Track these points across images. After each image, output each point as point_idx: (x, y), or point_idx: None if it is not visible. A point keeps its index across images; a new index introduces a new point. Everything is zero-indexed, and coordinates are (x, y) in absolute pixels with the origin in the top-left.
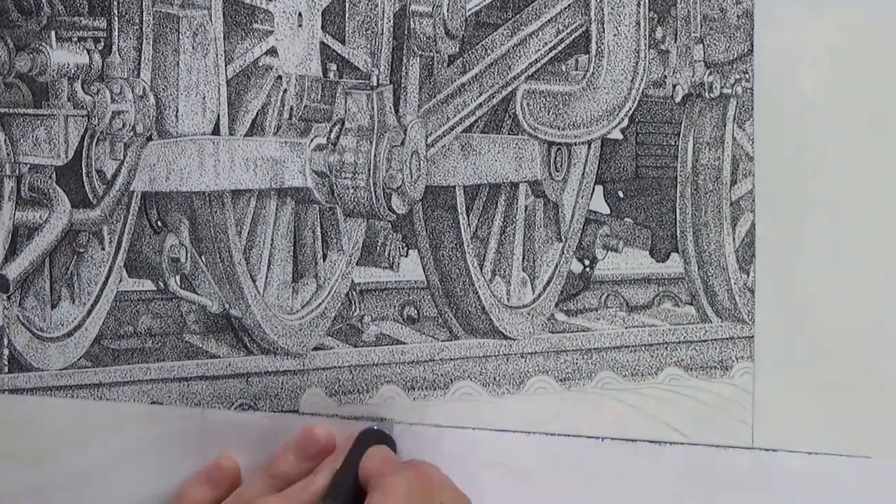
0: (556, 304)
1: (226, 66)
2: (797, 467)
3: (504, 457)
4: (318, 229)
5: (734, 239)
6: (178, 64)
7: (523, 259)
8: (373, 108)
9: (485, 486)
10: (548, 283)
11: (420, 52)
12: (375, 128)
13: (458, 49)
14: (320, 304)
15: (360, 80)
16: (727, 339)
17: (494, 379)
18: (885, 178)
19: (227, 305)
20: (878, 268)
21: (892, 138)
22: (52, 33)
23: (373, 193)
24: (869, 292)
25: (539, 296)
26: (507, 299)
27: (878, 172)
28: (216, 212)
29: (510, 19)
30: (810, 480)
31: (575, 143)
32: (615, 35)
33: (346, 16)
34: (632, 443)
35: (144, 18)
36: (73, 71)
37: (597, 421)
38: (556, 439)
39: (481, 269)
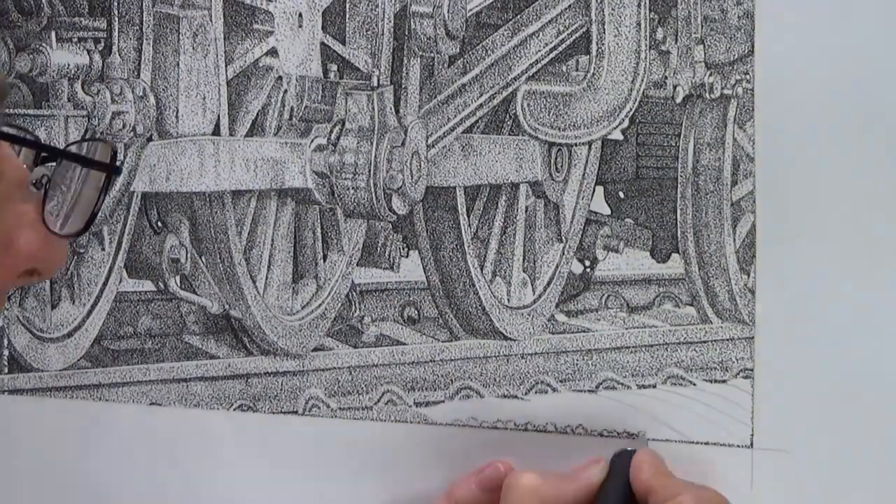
0: (557, 305)
1: (226, 66)
2: (797, 467)
3: (505, 456)
4: (319, 230)
5: (735, 240)
6: (178, 64)
7: (524, 260)
8: (373, 108)
9: None
10: (548, 283)
11: (421, 53)
12: (376, 128)
13: (458, 50)
14: (320, 304)
15: (361, 81)
16: (727, 339)
17: (495, 380)
18: (886, 179)
19: (227, 306)
20: (879, 268)
21: (892, 138)
22: (53, 34)
23: (373, 194)
24: (869, 292)
25: (539, 296)
26: (508, 300)
27: (878, 173)
28: (216, 212)
29: (511, 20)
30: (810, 480)
31: (575, 144)
32: (616, 36)
33: (347, 16)
34: (632, 441)
35: (144, 19)
36: (73, 71)
37: (597, 421)
38: (556, 438)
39: (482, 270)
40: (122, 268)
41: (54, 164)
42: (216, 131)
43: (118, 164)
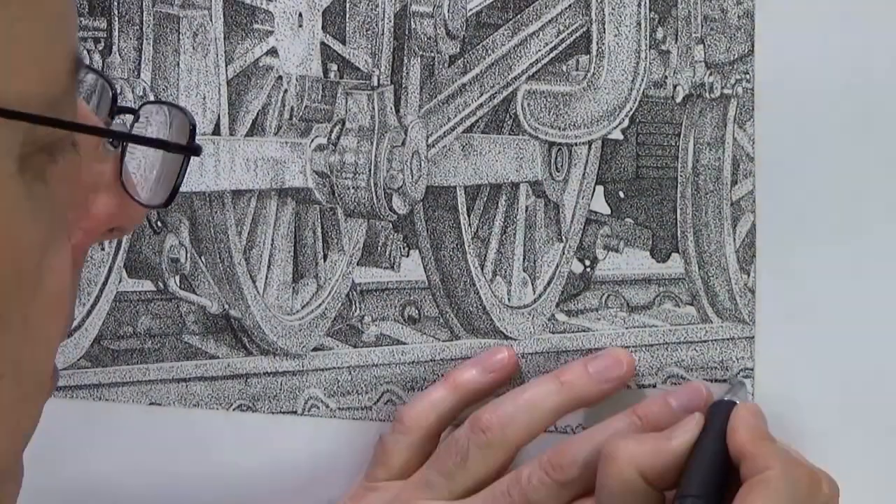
0: (557, 305)
1: (226, 66)
2: None
3: None
4: (319, 229)
5: (735, 239)
6: (178, 64)
7: (524, 259)
8: (373, 108)
9: None
10: (548, 283)
11: (421, 53)
12: (376, 128)
13: (458, 49)
14: (320, 304)
15: (361, 81)
16: (727, 339)
17: None
18: (886, 179)
19: (226, 306)
20: (879, 268)
21: (892, 138)
22: None
23: (374, 194)
24: (869, 292)
25: (540, 296)
26: (508, 299)
27: (878, 172)
28: (216, 212)
29: (511, 20)
30: None
31: (575, 144)
32: (616, 35)
33: (347, 16)
34: None
35: (144, 18)
36: None
37: (597, 421)
38: (557, 438)
39: (482, 270)
40: (121, 268)
41: (133, 118)
42: (216, 131)
43: (196, 143)
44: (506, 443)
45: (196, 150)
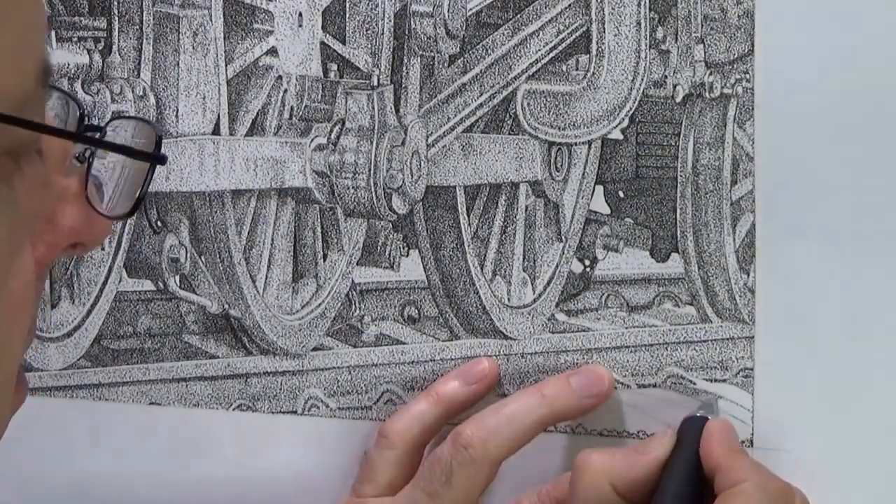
0: (557, 304)
1: (226, 66)
2: (797, 467)
3: None
4: (319, 229)
5: (734, 239)
6: (178, 64)
7: (524, 259)
8: (373, 108)
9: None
10: (548, 283)
11: (421, 52)
12: (376, 128)
13: (458, 49)
14: (320, 304)
15: (361, 80)
16: (727, 339)
17: None
18: (886, 178)
19: (226, 306)
20: (879, 268)
21: (892, 138)
22: (53, 33)
23: (373, 193)
24: (869, 292)
25: (539, 296)
26: (508, 299)
27: (878, 172)
28: (216, 212)
29: (511, 19)
30: (810, 480)
31: (575, 143)
32: (616, 35)
33: (347, 16)
34: (632, 440)
35: (144, 18)
36: (73, 71)
37: (597, 421)
38: (557, 438)
39: (482, 269)
40: (121, 267)
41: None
42: (216, 131)
43: (162, 152)
44: (488, 458)
45: (161, 159)
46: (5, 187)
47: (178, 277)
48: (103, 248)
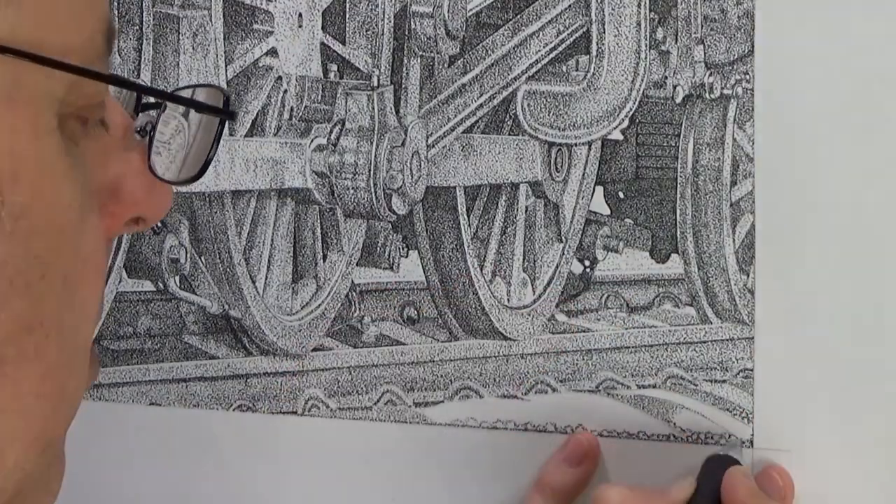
0: (557, 305)
1: (226, 66)
2: (797, 467)
3: (504, 455)
4: (318, 230)
5: (734, 240)
6: (178, 64)
7: (524, 260)
8: (373, 108)
9: (486, 483)
10: (548, 283)
11: (421, 53)
12: (376, 128)
13: (458, 50)
14: (320, 304)
15: (361, 81)
16: (727, 340)
17: (494, 380)
18: (886, 179)
19: (226, 306)
20: (879, 268)
21: (892, 139)
22: None
23: (373, 194)
24: (869, 292)
25: (539, 297)
26: (508, 300)
27: (878, 173)
28: (216, 212)
29: (511, 20)
30: (810, 480)
31: (575, 144)
32: (616, 36)
33: (347, 16)
34: (632, 441)
35: (144, 19)
36: None
37: (596, 421)
38: (556, 438)
39: (482, 270)
40: (121, 268)
41: (158, 110)
42: None
43: (232, 109)
44: None
45: (232, 115)
46: (76, 148)
47: (178, 278)
48: None
